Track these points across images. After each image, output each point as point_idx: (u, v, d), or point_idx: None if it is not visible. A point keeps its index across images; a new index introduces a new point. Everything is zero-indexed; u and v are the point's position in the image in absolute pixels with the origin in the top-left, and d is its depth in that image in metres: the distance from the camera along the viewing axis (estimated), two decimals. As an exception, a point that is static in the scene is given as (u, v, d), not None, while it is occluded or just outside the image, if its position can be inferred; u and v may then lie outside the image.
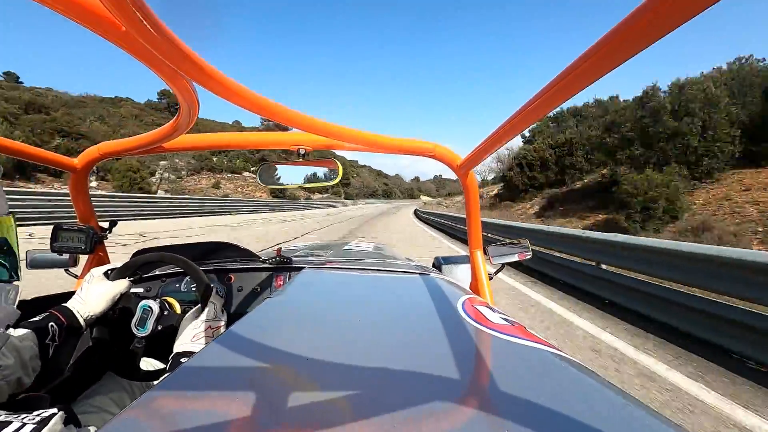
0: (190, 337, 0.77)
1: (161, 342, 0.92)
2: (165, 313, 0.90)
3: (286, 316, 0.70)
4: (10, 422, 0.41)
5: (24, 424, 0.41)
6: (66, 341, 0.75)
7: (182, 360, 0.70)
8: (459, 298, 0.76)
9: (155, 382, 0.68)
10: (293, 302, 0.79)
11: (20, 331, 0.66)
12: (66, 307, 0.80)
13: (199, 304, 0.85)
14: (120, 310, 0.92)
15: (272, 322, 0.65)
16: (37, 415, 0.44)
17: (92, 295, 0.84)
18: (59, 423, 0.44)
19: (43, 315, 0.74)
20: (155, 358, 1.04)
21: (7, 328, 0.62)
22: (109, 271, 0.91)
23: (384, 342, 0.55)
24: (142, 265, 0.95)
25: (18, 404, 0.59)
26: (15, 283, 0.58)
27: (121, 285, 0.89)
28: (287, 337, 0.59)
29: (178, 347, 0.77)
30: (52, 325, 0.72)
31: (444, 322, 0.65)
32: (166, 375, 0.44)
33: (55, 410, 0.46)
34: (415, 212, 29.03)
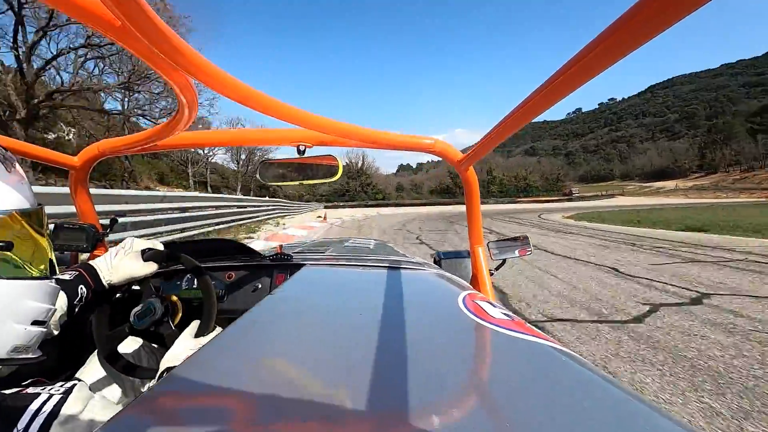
0: (184, 356, 0.71)
1: (150, 339, 0.90)
2: (165, 320, 0.88)
3: (287, 312, 0.70)
4: (38, 394, 0.45)
5: (51, 395, 0.45)
6: (89, 305, 0.75)
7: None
8: (459, 294, 0.76)
9: (153, 381, 0.67)
10: (294, 299, 0.79)
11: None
12: (93, 268, 0.78)
13: (200, 322, 0.84)
14: (129, 292, 0.91)
15: (273, 319, 0.66)
16: (61, 385, 0.48)
17: (122, 266, 0.82)
18: (83, 389, 0.48)
19: (73, 275, 0.73)
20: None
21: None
22: (147, 249, 0.88)
23: (385, 338, 0.55)
24: (172, 258, 0.92)
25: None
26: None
27: (150, 268, 0.86)
28: (288, 334, 0.59)
29: (168, 361, 0.72)
30: (81, 288, 0.72)
31: (445, 318, 0.65)
32: (161, 379, 0.44)
33: (75, 381, 0.50)
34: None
